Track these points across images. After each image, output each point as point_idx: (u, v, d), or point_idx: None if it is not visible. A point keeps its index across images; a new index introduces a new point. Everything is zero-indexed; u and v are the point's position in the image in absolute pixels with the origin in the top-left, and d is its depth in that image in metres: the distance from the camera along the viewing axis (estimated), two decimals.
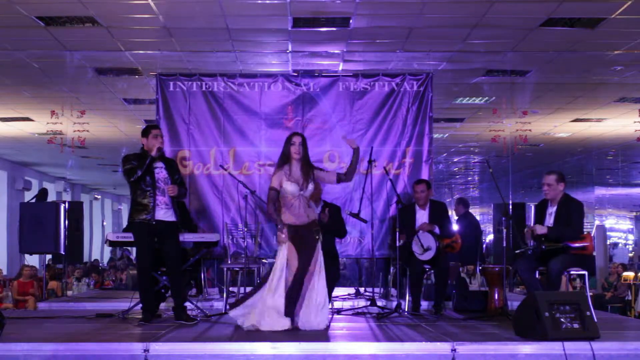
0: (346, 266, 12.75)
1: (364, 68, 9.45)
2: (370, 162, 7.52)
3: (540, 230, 6.43)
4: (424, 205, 7.47)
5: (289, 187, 6.04)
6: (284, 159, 6.14)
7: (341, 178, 6.23)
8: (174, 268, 6.48)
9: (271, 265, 6.38)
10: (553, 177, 6.52)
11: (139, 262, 6.58)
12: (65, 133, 11.92)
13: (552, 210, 6.57)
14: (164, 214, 6.39)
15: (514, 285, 10.29)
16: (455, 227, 9.60)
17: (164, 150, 8.00)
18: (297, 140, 6.10)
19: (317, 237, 6.10)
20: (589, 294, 6.51)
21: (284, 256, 6.03)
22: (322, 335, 5.73)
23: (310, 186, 6.10)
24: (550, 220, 6.54)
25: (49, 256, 11.14)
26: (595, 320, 5.39)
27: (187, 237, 7.12)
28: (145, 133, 6.49)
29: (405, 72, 8.81)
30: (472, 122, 13.50)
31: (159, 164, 6.46)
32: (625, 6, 7.45)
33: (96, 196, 26.46)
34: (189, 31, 8.38)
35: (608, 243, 21.87)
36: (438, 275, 7.30)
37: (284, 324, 5.88)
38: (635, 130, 11.76)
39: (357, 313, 7.08)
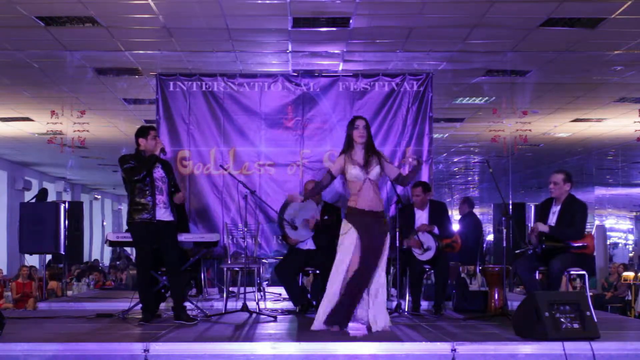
0: None
1: (364, 68, 9.45)
2: None
3: (542, 228, 6.44)
4: (423, 207, 7.46)
5: (354, 171, 5.79)
6: (348, 144, 5.91)
7: (398, 180, 6.00)
8: (173, 268, 6.48)
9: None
10: (560, 177, 6.53)
11: (138, 262, 6.58)
12: (65, 133, 11.91)
13: (555, 209, 6.58)
14: (163, 213, 6.40)
15: (514, 285, 10.29)
16: (457, 226, 9.61)
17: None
18: (360, 123, 5.88)
19: (385, 228, 5.84)
20: (589, 294, 6.51)
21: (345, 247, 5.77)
22: (322, 335, 5.73)
23: (376, 169, 5.83)
24: (553, 219, 6.55)
25: (49, 256, 11.14)
26: (595, 320, 5.39)
27: (187, 237, 7.13)
28: (143, 134, 6.46)
29: (405, 72, 8.81)
30: (472, 122, 13.51)
31: (156, 164, 6.48)
32: (625, 6, 7.45)
33: (96, 196, 26.46)
34: (189, 31, 8.38)
35: (608, 243, 21.87)
36: (438, 275, 7.30)
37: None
38: (635, 130, 11.75)
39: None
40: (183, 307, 6.41)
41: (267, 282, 10.13)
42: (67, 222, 9.36)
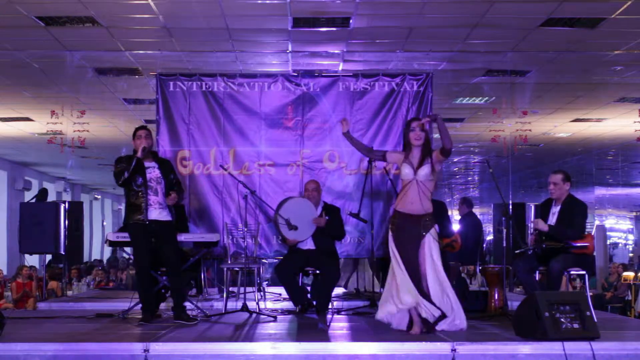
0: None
1: (364, 68, 9.45)
2: (370, 162, 7.53)
3: (542, 226, 6.44)
4: None
5: (404, 170, 5.83)
6: (405, 147, 5.94)
7: (445, 150, 5.82)
8: (173, 267, 6.48)
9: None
10: (559, 177, 6.56)
11: (136, 262, 6.57)
12: (65, 133, 11.92)
13: (555, 209, 6.59)
14: (158, 213, 6.38)
15: (514, 285, 10.30)
16: (457, 226, 9.61)
17: (159, 150, 8.01)
18: (416, 125, 5.88)
19: (423, 232, 5.78)
20: (589, 294, 6.51)
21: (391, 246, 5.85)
22: (322, 335, 5.74)
23: (425, 169, 5.78)
24: (553, 219, 6.56)
25: (49, 256, 11.13)
26: (595, 320, 5.40)
27: (187, 237, 7.13)
28: (133, 135, 6.54)
29: (405, 72, 8.80)
30: (472, 122, 13.50)
31: (152, 164, 6.46)
32: (625, 6, 7.45)
33: (96, 196, 26.45)
34: (189, 31, 8.38)
35: (608, 243, 21.84)
36: None
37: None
38: (635, 130, 11.76)
39: (357, 313, 7.08)
40: (183, 307, 6.42)
41: (267, 282, 10.13)
42: (67, 222, 9.35)
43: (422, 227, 5.80)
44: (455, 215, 13.84)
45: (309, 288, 8.09)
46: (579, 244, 6.40)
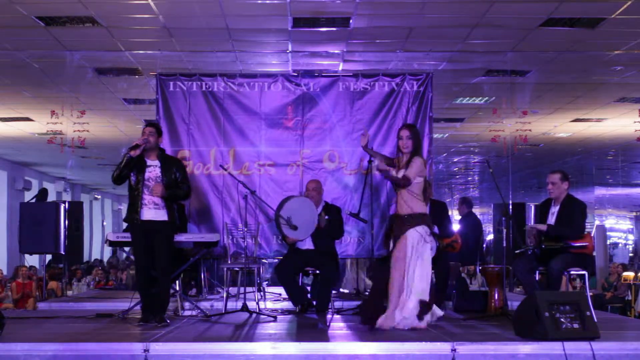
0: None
1: (364, 68, 9.45)
2: (370, 162, 7.52)
3: (540, 227, 6.45)
4: None
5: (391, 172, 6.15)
6: (398, 151, 6.19)
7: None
8: (161, 269, 6.32)
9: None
10: (557, 176, 6.57)
11: (135, 262, 6.54)
12: (65, 133, 11.91)
13: (554, 209, 6.59)
14: (153, 214, 6.29)
15: (514, 285, 10.30)
16: (457, 226, 9.61)
17: (165, 149, 7.98)
18: (404, 134, 6.09)
19: (403, 231, 5.98)
20: (589, 294, 6.51)
21: None
22: (322, 335, 5.74)
23: (400, 173, 6.00)
24: (552, 219, 6.56)
25: (49, 256, 11.14)
26: (595, 320, 5.40)
27: (188, 237, 7.12)
28: None
29: (405, 72, 8.80)
30: (472, 122, 13.51)
31: (154, 163, 6.37)
32: (625, 6, 7.45)
33: (96, 196, 26.45)
34: (189, 31, 8.38)
35: (608, 243, 21.85)
36: (438, 275, 7.30)
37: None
38: (635, 130, 11.75)
39: (357, 313, 7.08)
40: (162, 309, 6.33)
41: (267, 282, 10.13)
42: (67, 222, 9.36)
43: (403, 226, 6.02)
44: (455, 215, 13.85)
45: (309, 288, 8.09)
46: (578, 244, 6.41)
